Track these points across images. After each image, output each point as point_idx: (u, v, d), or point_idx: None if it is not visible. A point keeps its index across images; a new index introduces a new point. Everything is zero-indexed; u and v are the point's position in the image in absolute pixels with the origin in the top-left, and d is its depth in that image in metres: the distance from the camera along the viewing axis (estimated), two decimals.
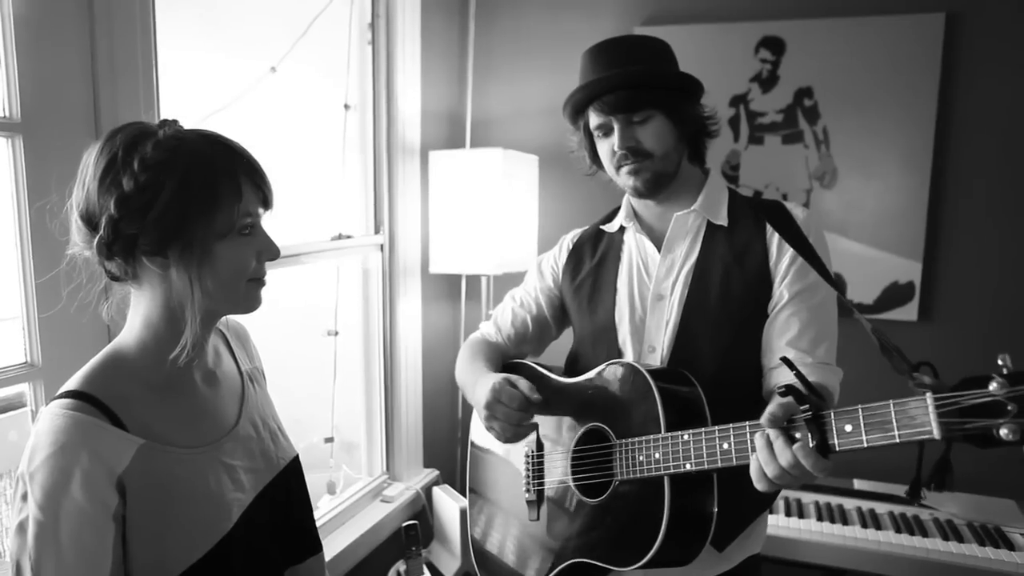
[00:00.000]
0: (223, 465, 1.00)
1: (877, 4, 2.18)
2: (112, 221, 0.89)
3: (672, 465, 1.13)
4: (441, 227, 2.35)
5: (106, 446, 0.87)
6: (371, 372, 2.34)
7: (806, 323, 1.22)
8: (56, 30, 1.21)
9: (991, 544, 1.86)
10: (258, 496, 1.04)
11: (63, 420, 0.86)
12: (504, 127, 2.60)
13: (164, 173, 0.89)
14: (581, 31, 2.47)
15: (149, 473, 0.90)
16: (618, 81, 1.26)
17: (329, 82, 2.19)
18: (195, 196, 0.90)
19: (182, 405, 0.99)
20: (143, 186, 0.88)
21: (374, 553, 2.14)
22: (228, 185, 0.93)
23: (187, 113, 1.62)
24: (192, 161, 0.91)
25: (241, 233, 0.95)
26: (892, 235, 2.22)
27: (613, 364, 1.29)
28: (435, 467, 2.55)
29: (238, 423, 1.06)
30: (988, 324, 2.17)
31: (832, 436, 0.94)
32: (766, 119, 2.32)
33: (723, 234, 1.32)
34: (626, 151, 1.28)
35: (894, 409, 0.88)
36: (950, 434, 0.83)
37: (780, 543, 1.94)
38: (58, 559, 0.85)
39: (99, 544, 0.86)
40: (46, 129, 1.21)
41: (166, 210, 0.89)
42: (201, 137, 0.94)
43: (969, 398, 0.81)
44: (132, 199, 0.88)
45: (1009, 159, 2.13)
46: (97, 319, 1.29)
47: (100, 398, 0.89)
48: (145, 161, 0.88)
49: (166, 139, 0.91)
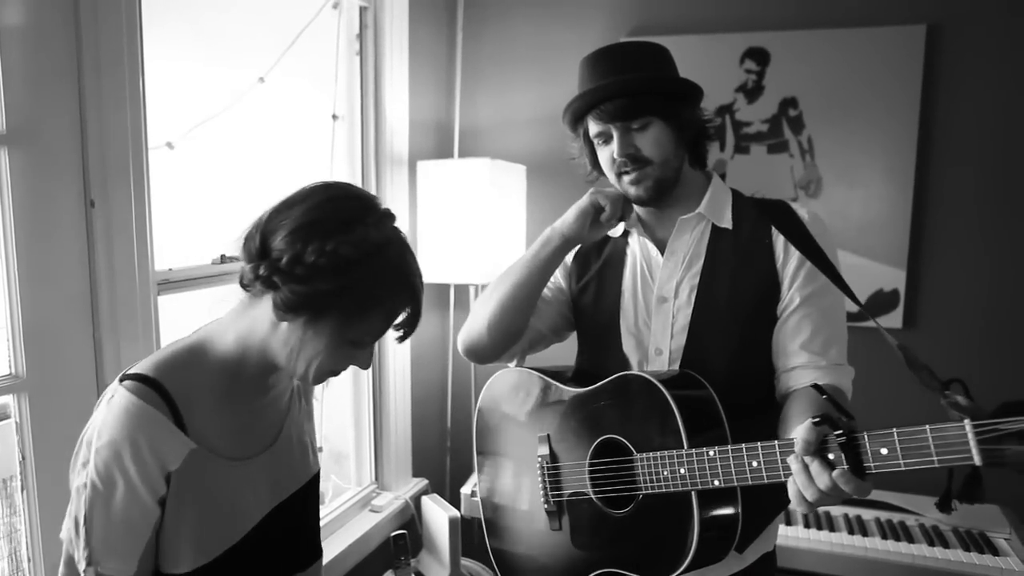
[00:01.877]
0: (252, 479, 1.05)
1: (860, 16, 2.21)
2: (275, 267, 0.93)
3: (700, 481, 1.12)
4: (429, 237, 2.35)
5: (164, 442, 0.93)
6: (360, 382, 2.34)
7: (818, 325, 1.23)
8: (42, 41, 1.21)
9: (976, 549, 1.88)
10: (275, 508, 1.08)
11: (134, 408, 0.92)
12: (492, 137, 2.61)
13: (339, 273, 0.92)
14: (568, 42, 2.49)
15: (193, 476, 0.96)
16: (615, 89, 1.26)
17: (317, 92, 2.20)
18: (346, 308, 0.95)
19: (235, 417, 1.03)
20: (317, 266, 0.91)
21: (363, 563, 2.13)
22: (380, 321, 0.99)
23: (176, 122, 1.63)
24: (368, 280, 0.94)
25: (357, 346, 1.00)
26: (876, 243, 2.25)
27: (625, 375, 1.28)
28: (424, 476, 2.54)
29: (277, 440, 1.10)
30: (972, 331, 2.20)
31: (868, 459, 0.93)
32: (751, 129, 2.34)
33: (729, 237, 1.32)
34: (625, 158, 1.28)
35: (932, 435, 0.87)
36: (991, 460, 0.82)
37: None
38: (107, 527, 0.93)
39: (143, 521, 0.94)
40: (31, 140, 1.21)
41: (315, 296, 0.93)
42: (397, 255, 0.98)
43: (1008, 424, 0.80)
44: (300, 266, 0.92)
45: (989, 168, 2.16)
46: (82, 332, 1.30)
47: (171, 393, 0.94)
48: (337, 250, 0.92)
49: (370, 244, 0.94)
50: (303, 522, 1.16)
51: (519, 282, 1.39)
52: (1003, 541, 1.92)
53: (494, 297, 1.41)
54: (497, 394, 1.51)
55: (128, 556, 0.94)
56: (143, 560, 0.95)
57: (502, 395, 1.51)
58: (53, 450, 1.24)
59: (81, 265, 1.29)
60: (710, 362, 1.26)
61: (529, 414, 1.44)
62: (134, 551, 0.95)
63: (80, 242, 1.29)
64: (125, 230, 1.34)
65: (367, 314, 0.97)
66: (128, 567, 0.95)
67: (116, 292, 1.33)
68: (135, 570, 0.95)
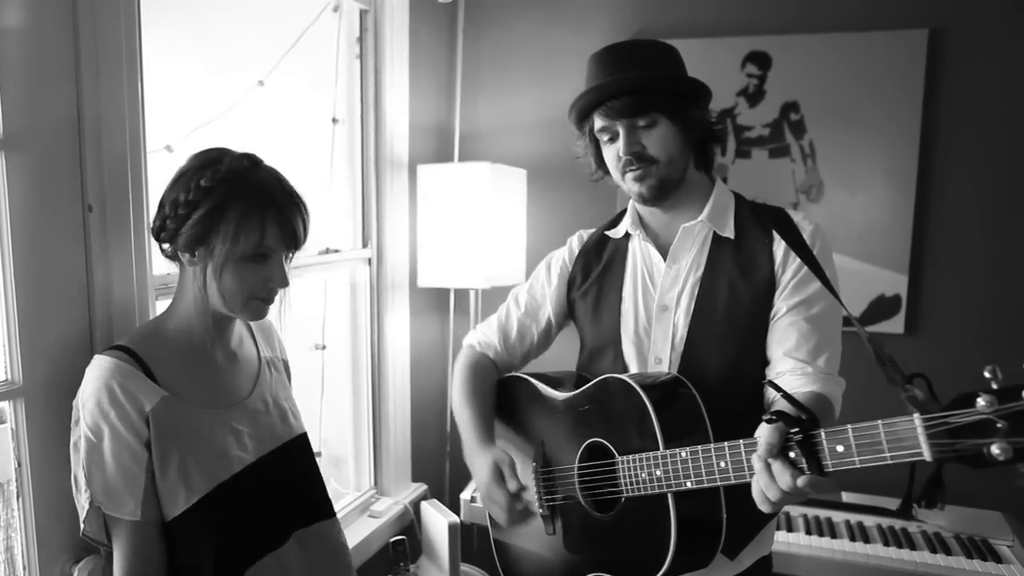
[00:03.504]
0: (229, 427, 1.22)
1: (861, 20, 2.21)
2: (163, 215, 1.17)
3: (674, 483, 1.13)
4: (429, 241, 2.34)
5: (136, 387, 1.11)
6: (359, 386, 2.33)
7: (805, 333, 1.22)
8: (39, 43, 1.20)
9: (979, 557, 1.87)
10: (259, 460, 1.25)
11: (105, 362, 1.11)
12: (492, 141, 2.61)
13: (207, 196, 1.13)
14: (569, 45, 2.48)
15: (168, 419, 1.13)
16: (622, 86, 1.25)
17: (317, 96, 2.19)
18: (223, 221, 1.13)
19: (203, 374, 1.22)
20: (189, 200, 1.13)
21: (362, 569, 2.12)
22: (252, 222, 1.14)
23: (175, 126, 1.62)
24: (231, 195, 1.13)
25: (255, 261, 1.16)
26: (878, 248, 2.24)
27: (606, 378, 1.29)
28: (423, 482, 2.53)
29: (249, 397, 1.28)
30: (974, 336, 2.19)
31: (825, 457, 0.93)
32: (753, 133, 2.33)
33: (730, 246, 1.31)
34: (631, 156, 1.27)
35: (883, 430, 0.86)
36: (942, 455, 0.80)
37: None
38: (103, 470, 1.09)
39: (134, 463, 1.10)
40: (28, 143, 1.20)
41: (198, 223, 1.13)
42: (256, 179, 1.16)
43: (958, 417, 0.78)
44: (180, 205, 1.14)
45: (991, 173, 2.15)
46: (79, 337, 1.29)
47: (137, 352, 1.14)
48: (199, 182, 1.13)
49: (226, 171, 1.14)
50: (293, 480, 1.31)
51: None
52: (1006, 548, 1.91)
53: (458, 414, 1.50)
54: (494, 401, 1.51)
55: (129, 498, 1.09)
56: (145, 504, 1.11)
57: (499, 402, 1.51)
58: (49, 456, 1.23)
59: (78, 270, 1.28)
60: (707, 370, 1.27)
61: (524, 420, 1.46)
62: (134, 493, 1.10)
63: (77, 247, 1.27)
64: (123, 235, 1.33)
65: (243, 226, 1.13)
66: (132, 509, 1.10)
67: (113, 298, 1.32)
68: (140, 514, 1.10)
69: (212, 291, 1.17)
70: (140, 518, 1.10)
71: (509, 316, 1.54)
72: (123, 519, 1.10)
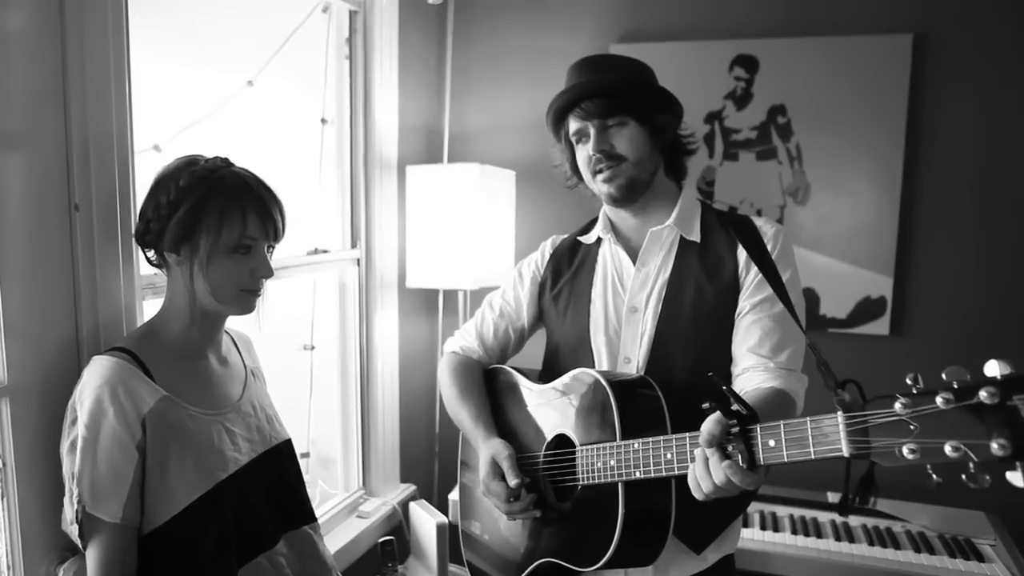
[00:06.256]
0: (225, 428, 1.25)
1: (848, 24, 2.23)
2: (146, 219, 1.21)
3: (624, 472, 1.17)
4: (418, 242, 2.35)
5: (137, 387, 1.13)
6: (347, 387, 2.33)
7: (768, 330, 1.26)
8: (25, 42, 1.20)
9: (961, 556, 1.88)
10: (252, 461, 1.28)
11: (108, 362, 1.13)
12: (481, 142, 2.61)
13: (188, 194, 1.17)
14: (558, 48, 2.49)
15: (166, 419, 1.15)
16: (595, 87, 1.32)
17: (306, 96, 2.19)
18: (205, 214, 1.17)
19: (199, 376, 1.26)
20: (171, 200, 1.18)
21: (350, 569, 2.12)
22: (233, 213, 1.18)
23: (163, 126, 1.62)
24: (211, 189, 1.18)
25: (239, 252, 1.20)
26: (864, 250, 2.26)
27: (577, 372, 1.33)
28: (412, 482, 2.53)
29: (240, 400, 1.32)
30: (958, 338, 2.21)
31: (758, 451, 0.96)
32: (740, 136, 2.35)
33: (696, 249, 1.36)
34: (600, 154, 1.33)
35: (810, 426, 0.90)
36: (858, 452, 0.84)
37: (755, 556, 1.94)
38: (93, 468, 1.10)
39: (124, 463, 1.11)
40: (14, 143, 1.19)
41: (182, 219, 1.17)
42: (232, 174, 1.21)
43: (876, 417, 0.82)
44: (162, 207, 1.18)
45: (976, 175, 2.17)
46: (65, 337, 1.28)
47: (136, 353, 1.17)
48: (179, 183, 1.18)
49: (202, 170, 1.19)
50: (282, 484, 1.35)
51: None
52: (988, 548, 1.93)
53: (454, 413, 1.53)
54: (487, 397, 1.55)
55: (114, 499, 1.10)
56: (127, 507, 1.11)
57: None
58: (34, 456, 1.22)
59: (65, 269, 1.27)
60: (674, 369, 1.31)
61: (502, 408, 1.50)
62: (119, 494, 1.10)
63: (64, 246, 1.27)
64: (110, 234, 1.33)
65: (225, 216, 1.18)
66: (114, 510, 1.10)
67: (100, 297, 1.31)
68: (121, 516, 1.10)
69: (200, 287, 1.19)
70: (120, 521, 1.10)
71: (485, 320, 1.59)
72: (104, 520, 1.10)
